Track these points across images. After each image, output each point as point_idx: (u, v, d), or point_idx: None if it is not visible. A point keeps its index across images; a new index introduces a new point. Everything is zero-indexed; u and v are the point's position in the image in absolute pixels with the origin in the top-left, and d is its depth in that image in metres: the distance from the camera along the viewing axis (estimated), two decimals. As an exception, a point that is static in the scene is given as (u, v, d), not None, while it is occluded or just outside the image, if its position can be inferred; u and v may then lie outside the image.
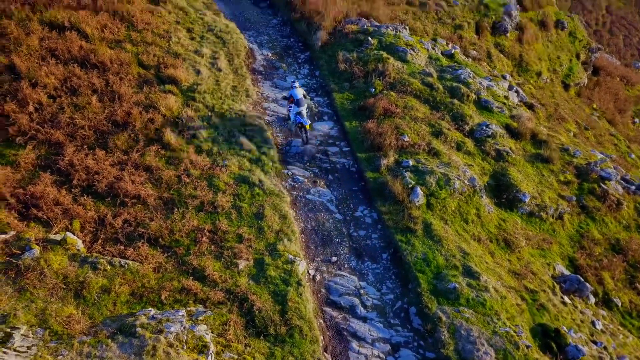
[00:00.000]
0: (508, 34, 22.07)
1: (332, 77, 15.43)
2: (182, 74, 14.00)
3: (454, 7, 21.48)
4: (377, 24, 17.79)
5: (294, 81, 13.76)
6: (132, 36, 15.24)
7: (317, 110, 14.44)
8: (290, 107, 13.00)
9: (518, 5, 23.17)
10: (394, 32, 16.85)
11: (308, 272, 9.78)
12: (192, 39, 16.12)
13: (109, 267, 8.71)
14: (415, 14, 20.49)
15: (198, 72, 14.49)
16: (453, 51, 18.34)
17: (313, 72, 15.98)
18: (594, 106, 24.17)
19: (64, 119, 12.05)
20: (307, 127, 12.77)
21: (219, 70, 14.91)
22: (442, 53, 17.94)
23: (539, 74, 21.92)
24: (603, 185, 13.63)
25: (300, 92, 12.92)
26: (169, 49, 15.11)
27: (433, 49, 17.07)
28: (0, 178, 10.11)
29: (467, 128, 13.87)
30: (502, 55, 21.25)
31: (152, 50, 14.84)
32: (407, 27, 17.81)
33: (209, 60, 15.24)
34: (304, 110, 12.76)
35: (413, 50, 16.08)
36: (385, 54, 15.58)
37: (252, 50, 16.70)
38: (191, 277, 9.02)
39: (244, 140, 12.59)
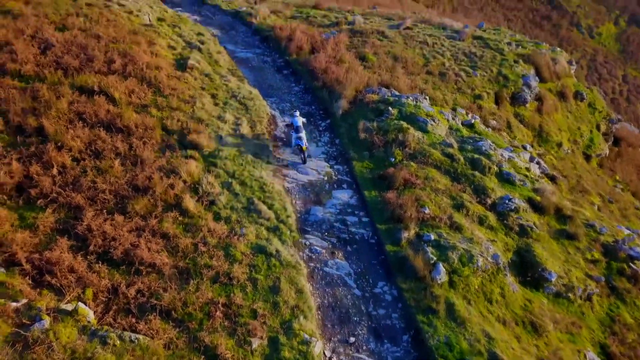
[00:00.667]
0: (527, 105, 22.24)
1: (352, 146, 15.51)
2: (205, 140, 14.21)
3: (473, 77, 21.84)
4: (398, 93, 18.08)
5: (296, 111, 15.78)
6: (158, 101, 15.67)
7: (336, 178, 14.41)
8: (292, 133, 15.20)
9: (536, 77, 23.47)
10: (414, 102, 17.06)
11: (324, 353, 9.34)
12: (216, 104, 16.51)
13: (118, 342, 8.42)
14: (435, 84, 20.84)
15: (220, 138, 14.69)
16: (473, 121, 18.44)
17: (333, 140, 16.11)
18: (617, 178, 23.82)
19: (85, 182, 12.19)
20: (304, 148, 14.72)
21: (241, 136, 15.12)
22: (462, 123, 18.04)
23: (559, 145, 21.83)
24: (633, 265, 13.10)
25: (299, 120, 15.09)
26: (193, 115, 15.44)
27: (453, 119, 17.19)
28: (18, 242, 10.10)
29: (489, 201, 13.63)
30: (521, 126, 21.31)
31: (176, 115, 15.19)
32: (427, 97, 18.05)
33: (232, 126, 15.50)
34: (302, 135, 14.80)
35: (433, 120, 16.19)
36: (405, 124, 15.69)
37: (274, 117, 17.00)
38: (202, 356, 8.65)
39: (262, 207, 12.51)
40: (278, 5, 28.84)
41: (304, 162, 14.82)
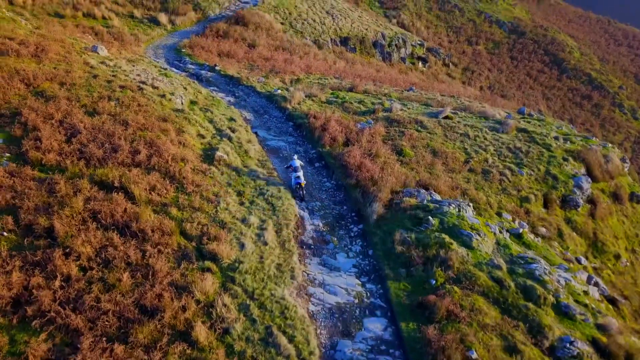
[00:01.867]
0: (579, 209, 20.50)
1: (386, 260, 14.04)
2: (225, 250, 13.02)
3: (519, 176, 20.41)
4: (438, 198, 16.75)
5: (294, 155, 18.26)
6: (180, 200, 14.75)
7: (368, 301, 12.86)
8: (292, 173, 17.28)
9: (588, 176, 21.86)
10: (457, 211, 15.65)
11: None
12: (242, 203, 15.49)
13: None
14: (477, 183, 19.48)
15: (242, 246, 13.50)
16: (521, 230, 16.82)
17: (366, 251, 14.70)
18: (683, 293, 21.34)
19: (89, 300, 11.03)
20: (302, 185, 16.84)
21: (265, 243, 13.89)
22: (508, 231, 16.45)
23: (617, 257, 19.80)
24: None
25: (297, 162, 17.23)
26: (215, 216, 14.40)
27: (500, 232, 15.61)
28: (-1, 383, 8.83)
29: (547, 343, 11.76)
30: (574, 234, 19.49)
31: (197, 217, 14.17)
32: (470, 205, 16.62)
33: (256, 230, 14.34)
34: (301, 174, 16.91)
35: (479, 234, 14.67)
36: (447, 238, 14.21)
37: (302, 219, 15.81)
38: None
39: (282, 340, 11.00)
40: (313, 87, 28.58)
41: (302, 199, 16.89)
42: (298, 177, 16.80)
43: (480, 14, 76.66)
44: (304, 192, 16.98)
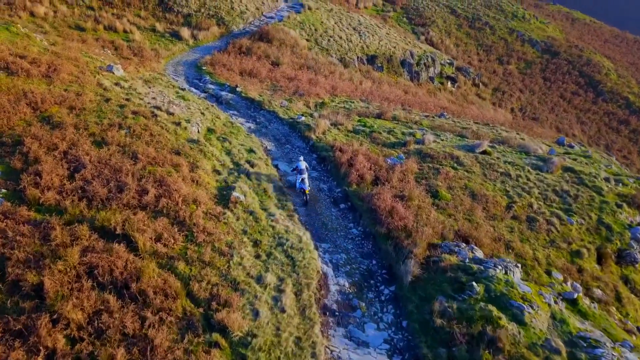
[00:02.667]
0: (637, 265, 18.25)
1: (423, 335, 12.13)
2: (236, 320, 11.28)
3: (569, 226, 18.30)
4: (481, 256, 14.81)
5: (300, 156, 18.89)
6: (189, 252, 13.10)
7: (402, 391, 10.96)
8: (297, 176, 17.70)
9: (645, 226, 19.59)
10: (504, 274, 13.66)
11: None
12: (258, 256, 13.77)
13: None
14: (522, 233, 17.44)
15: (256, 314, 11.75)
16: (575, 295, 14.72)
17: (399, 321, 12.80)
18: None
19: (73, 385, 9.39)
20: (307, 192, 17.38)
21: (283, 310, 12.13)
22: (562, 297, 14.37)
23: (683, 324, 17.44)
24: None
25: (303, 165, 17.71)
26: (227, 274, 12.70)
27: (555, 302, 13.55)
28: None
29: None
30: (633, 296, 17.24)
31: (207, 274, 12.49)
32: (518, 266, 14.60)
33: (273, 293, 12.59)
34: (305, 177, 17.50)
35: (531, 307, 12.66)
36: (495, 311, 12.24)
37: (325, 277, 14.01)
38: None
39: None
40: (339, 113, 26.91)
41: (306, 204, 17.49)
42: (302, 180, 17.43)
43: (512, 32, 74.39)
44: (307, 197, 17.60)
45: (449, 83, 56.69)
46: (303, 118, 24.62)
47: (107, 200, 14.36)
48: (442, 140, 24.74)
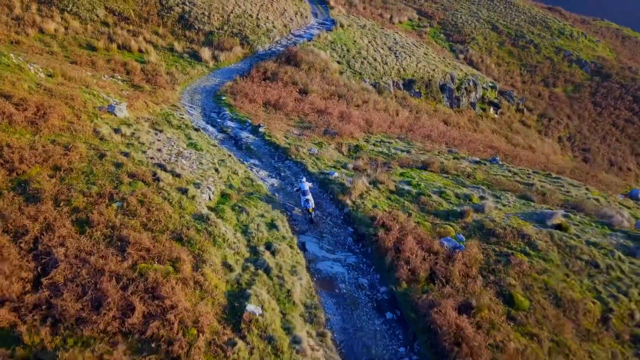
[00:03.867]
0: None
1: None
2: None
3: (685, 348, 13.99)
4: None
5: (302, 177, 18.75)
6: (181, 419, 9.40)
7: None
8: (302, 196, 17.76)
9: None
10: None
11: None
12: (277, 419, 9.99)
13: None
14: (627, 363, 13.25)
15: None
16: None
17: None
18: None
19: None
20: (310, 210, 17.44)
21: None
22: None
23: None
24: None
25: (306, 185, 17.94)
26: None
27: None
28: None
29: None
30: None
31: None
32: None
33: None
34: (309, 197, 17.57)
35: None
36: None
37: None
38: None
39: None
40: (378, 163, 23.07)
41: (312, 222, 17.47)
42: (307, 200, 17.59)
43: (559, 52, 69.46)
44: (313, 215, 17.65)
45: (492, 109, 52.31)
46: (336, 174, 20.82)
47: (78, 324, 10.80)
48: (504, 205, 20.63)
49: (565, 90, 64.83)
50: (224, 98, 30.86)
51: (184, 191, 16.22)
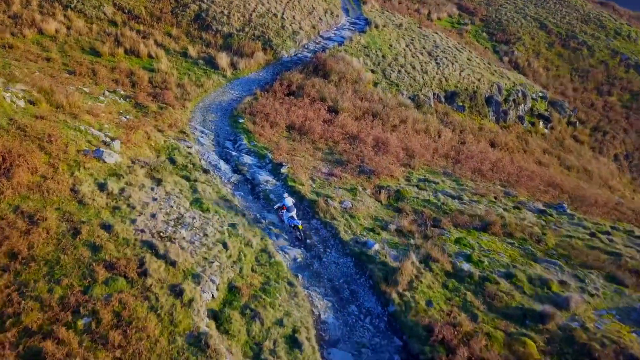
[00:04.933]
0: None
1: None
2: None
3: None
4: None
5: (285, 193, 18.04)
6: None
7: None
8: (283, 213, 17.03)
9: None
10: None
11: None
12: None
13: None
14: None
15: None
16: None
17: None
18: None
19: None
20: (300, 227, 16.63)
21: None
22: None
23: None
24: None
25: (290, 201, 17.01)
26: None
27: None
28: None
29: None
30: None
31: None
32: None
33: None
34: (294, 214, 16.78)
35: None
36: None
37: None
38: None
39: None
40: (425, 214, 18.84)
41: (301, 240, 16.61)
42: (292, 217, 16.74)
43: (615, 55, 63.37)
44: (301, 233, 16.70)
45: (541, 123, 47.18)
46: (376, 246, 16.63)
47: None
48: (592, 295, 16.22)
49: (621, 100, 58.97)
50: (241, 121, 26.83)
51: (179, 293, 12.30)
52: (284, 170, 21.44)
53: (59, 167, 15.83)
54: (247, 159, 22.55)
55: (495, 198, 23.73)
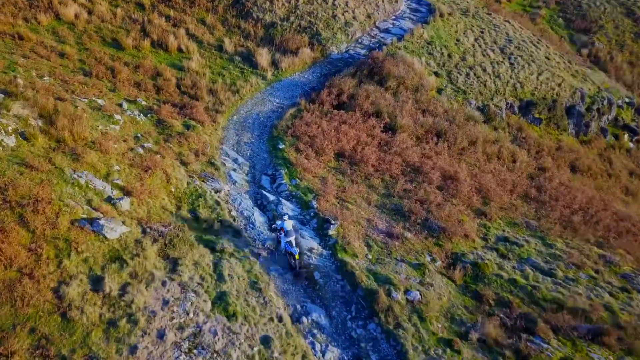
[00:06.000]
0: None
1: None
2: None
3: None
4: None
5: (285, 215, 16.67)
6: None
7: None
8: (281, 234, 15.68)
9: None
10: None
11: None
12: None
13: None
14: None
15: None
16: None
17: None
18: None
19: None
20: (297, 257, 15.21)
21: None
22: None
23: None
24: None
25: (289, 224, 15.65)
26: None
27: None
28: None
29: None
30: None
31: None
32: None
33: None
34: (292, 239, 15.42)
35: None
36: None
37: None
38: None
39: None
40: (514, 307, 14.55)
41: (295, 268, 15.27)
42: (289, 242, 15.43)
43: None
44: (297, 262, 15.32)
45: (626, 135, 41.09)
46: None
47: None
48: None
49: None
50: (281, 146, 22.66)
51: None
52: (332, 232, 17.31)
53: (43, 253, 12.17)
54: (287, 208, 18.49)
55: (597, 272, 19.06)
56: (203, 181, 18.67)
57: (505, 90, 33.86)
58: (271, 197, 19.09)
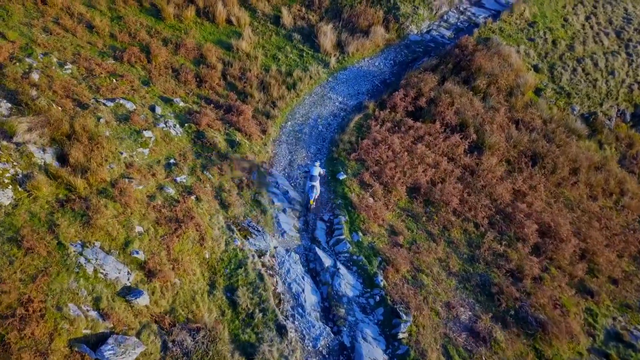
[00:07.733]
0: None
1: None
2: None
3: None
4: None
5: (316, 162, 17.89)
6: None
7: None
8: (308, 182, 17.45)
9: None
10: None
11: None
12: None
13: None
14: None
15: None
16: None
17: None
18: None
19: None
20: (311, 202, 17.24)
21: None
22: None
23: None
24: None
25: (316, 171, 17.24)
26: None
27: None
28: None
29: None
30: None
31: None
32: None
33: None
34: (316, 184, 17.12)
35: None
36: None
37: None
38: None
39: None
40: None
41: (308, 210, 17.46)
42: (312, 187, 17.09)
43: None
44: (310, 206, 17.36)
45: None
46: None
47: None
48: None
49: None
50: (342, 178, 18.83)
51: None
52: (403, 334, 13.82)
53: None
54: (346, 284, 15.02)
55: None
56: (245, 236, 15.29)
57: (617, 92, 28.14)
58: (326, 262, 15.60)
